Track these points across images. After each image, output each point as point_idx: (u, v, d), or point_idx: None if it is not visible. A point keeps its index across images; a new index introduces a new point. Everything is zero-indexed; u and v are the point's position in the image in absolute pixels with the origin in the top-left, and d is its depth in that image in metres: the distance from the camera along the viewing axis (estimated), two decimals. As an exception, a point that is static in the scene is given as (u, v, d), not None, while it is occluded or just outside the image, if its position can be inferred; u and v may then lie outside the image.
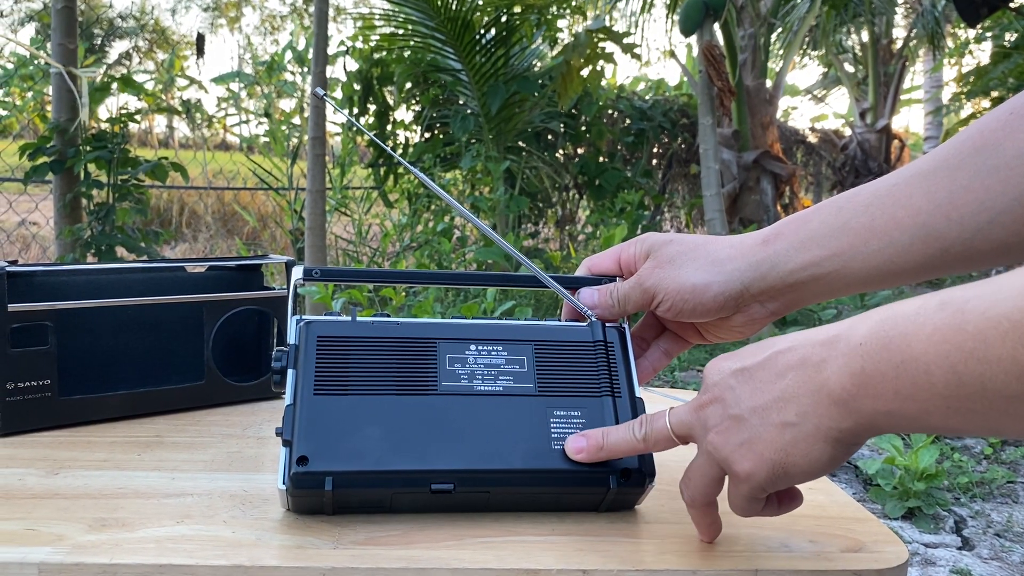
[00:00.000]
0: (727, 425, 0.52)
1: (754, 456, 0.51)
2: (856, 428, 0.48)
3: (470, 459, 0.59)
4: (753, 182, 6.11)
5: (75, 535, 0.57)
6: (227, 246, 7.05)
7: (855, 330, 0.47)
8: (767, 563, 0.57)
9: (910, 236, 0.58)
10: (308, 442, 0.58)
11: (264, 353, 0.95)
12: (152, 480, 0.68)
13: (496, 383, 0.63)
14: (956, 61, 7.41)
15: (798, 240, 0.62)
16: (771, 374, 0.51)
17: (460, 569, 0.55)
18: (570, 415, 0.62)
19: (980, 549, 2.15)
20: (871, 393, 0.45)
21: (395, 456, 0.58)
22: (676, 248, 0.65)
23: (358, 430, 0.59)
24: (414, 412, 0.60)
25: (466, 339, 0.64)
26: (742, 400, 0.52)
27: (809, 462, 0.49)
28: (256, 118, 8.47)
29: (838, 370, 0.47)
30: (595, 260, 0.71)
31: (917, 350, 0.43)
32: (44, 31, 11.29)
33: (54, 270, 0.82)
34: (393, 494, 0.59)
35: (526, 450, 0.60)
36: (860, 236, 0.60)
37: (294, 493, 0.58)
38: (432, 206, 5.25)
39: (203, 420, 0.85)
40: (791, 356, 0.50)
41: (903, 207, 0.58)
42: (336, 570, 0.55)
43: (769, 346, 0.52)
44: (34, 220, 5.92)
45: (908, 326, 0.43)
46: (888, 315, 0.45)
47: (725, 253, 0.64)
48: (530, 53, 5.51)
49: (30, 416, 0.78)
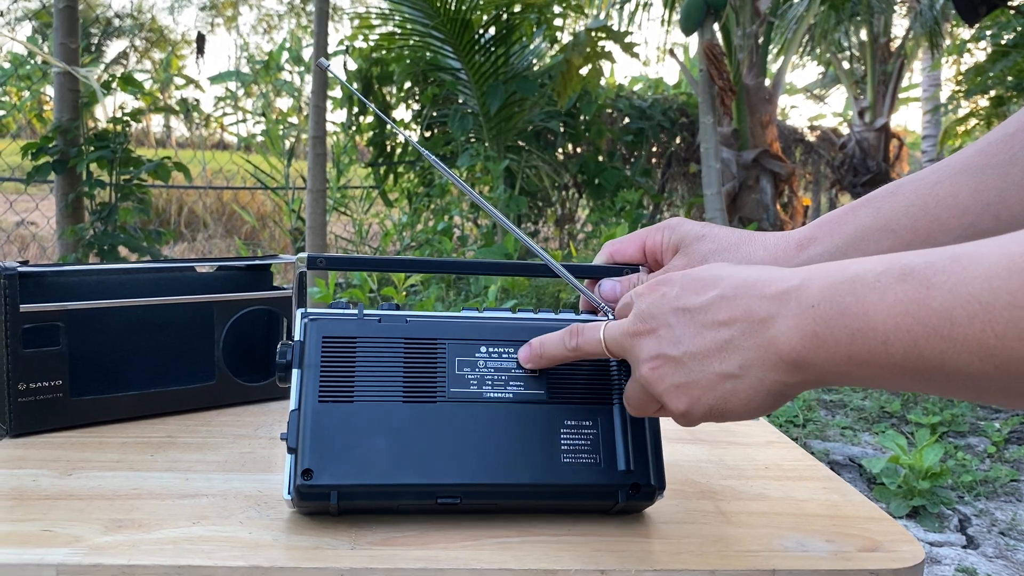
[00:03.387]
0: (661, 363, 0.51)
1: (689, 399, 0.50)
2: (803, 383, 0.47)
3: (477, 473, 0.58)
4: (752, 181, 6.11)
5: (92, 536, 0.57)
6: (226, 246, 7.04)
7: (807, 289, 0.45)
8: (784, 563, 0.57)
9: (954, 238, 0.55)
10: (313, 454, 0.57)
11: (274, 353, 0.94)
12: (166, 481, 0.68)
13: (506, 390, 0.61)
14: (955, 60, 7.41)
15: (834, 245, 0.60)
16: (713, 320, 0.49)
17: (479, 569, 0.55)
18: (581, 424, 0.61)
19: (985, 547, 2.15)
20: (823, 356, 0.44)
21: (401, 469, 0.57)
22: (708, 247, 0.63)
23: (363, 441, 0.58)
24: (421, 421, 0.59)
25: (477, 340, 0.62)
26: (681, 341, 0.50)
27: (747, 409, 0.49)
28: (253, 117, 8.47)
29: (788, 330, 0.45)
30: (618, 245, 0.68)
31: (876, 320, 0.41)
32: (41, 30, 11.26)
33: (65, 271, 0.82)
34: (399, 506, 0.59)
35: (534, 464, 0.59)
36: (902, 239, 0.57)
37: (299, 505, 0.58)
38: (432, 205, 5.25)
39: (214, 420, 0.85)
40: (736, 307, 0.48)
41: (947, 207, 0.56)
42: (354, 570, 0.54)
43: (711, 284, 0.50)
44: (32, 220, 5.91)
45: (867, 293, 0.42)
46: (844, 277, 0.43)
47: (760, 256, 0.62)
48: (529, 52, 5.51)
49: (42, 417, 0.78)
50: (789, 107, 16.76)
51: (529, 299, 3.80)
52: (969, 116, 6.47)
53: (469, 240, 4.98)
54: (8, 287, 0.76)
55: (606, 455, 0.60)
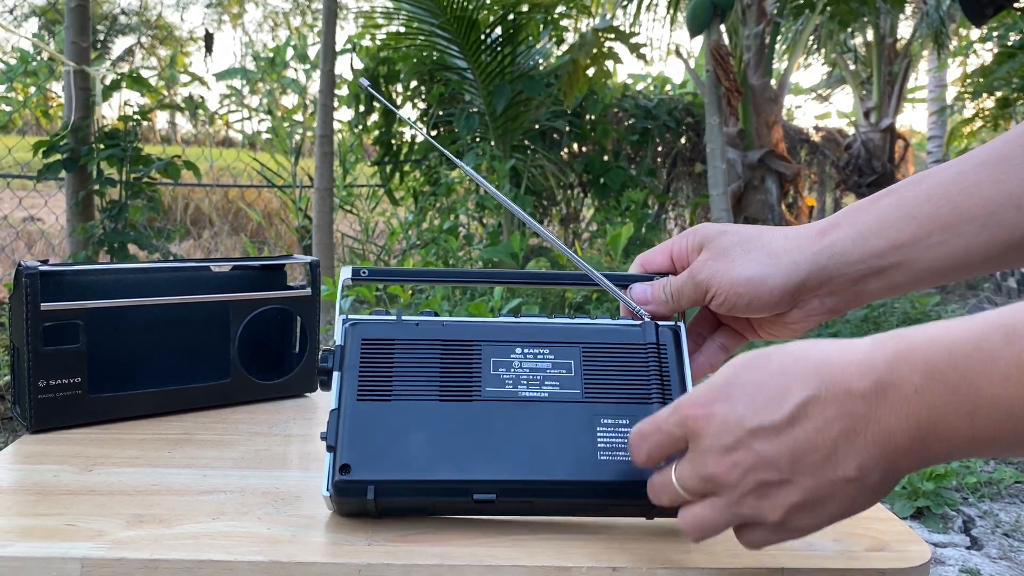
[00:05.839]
0: (771, 491, 0.47)
1: (815, 517, 0.47)
2: (924, 464, 0.45)
3: (513, 470, 0.58)
4: (758, 181, 6.11)
5: (114, 531, 0.59)
6: (232, 243, 7.06)
7: (900, 372, 0.42)
8: (792, 562, 0.58)
9: (976, 227, 0.55)
10: (351, 450, 0.58)
11: (287, 352, 0.96)
12: (184, 477, 0.69)
13: (541, 389, 0.61)
14: (961, 61, 7.40)
15: (856, 231, 0.59)
16: (808, 431, 0.45)
17: (493, 566, 0.56)
18: (617, 423, 0.60)
19: (989, 549, 2.15)
20: (942, 438, 0.42)
21: (438, 465, 0.58)
22: (730, 239, 0.62)
23: (401, 438, 0.59)
24: (457, 419, 0.59)
25: (512, 341, 0.63)
26: (780, 463, 0.46)
27: (873, 503, 0.47)
28: (258, 115, 8.49)
29: (899, 423, 0.43)
30: (647, 256, 0.68)
31: (990, 392, 0.39)
32: (48, 26, 11.28)
33: (84, 270, 0.83)
34: (435, 503, 0.60)
35: (571, 460, 0.58)
36: (924, 226, 0.57)
37: (338, 500, 0.59)
38: (438, 204, 5.26)
39: (229, 418, 0.86)
40: (828, 410, 0.44)
41: (969, 196, 0.56)
42: (371, 566, 0.55)
43: (782, 395, 0.46)
44: (39, 217, 5.93)
45: (972, 365, 0.39)
46: (941, 350, 0.40)
47: (781, 245, 0.61)
48: (536, 52, 5.51)
49: (61, 413, 0.80)
50: (794, 107, 16.75)
51: (534, 298, 3.82)
52: (975, 117, 6.46)
53: (475, 239, 4.99)
54: (29, 286, 0.77)
55: None
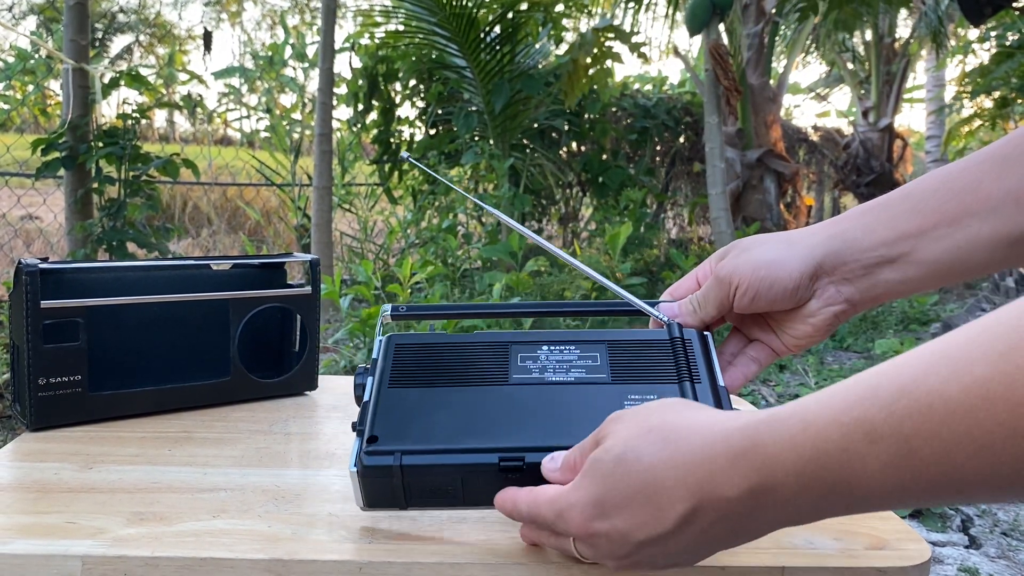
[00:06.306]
0: (659, 561, 0.49)
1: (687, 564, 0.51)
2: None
3: (542, 438, 0.57)
4: (756, 180, 6.11)
5: (115, 528, 0.59)
6: (231, 241, 7.05)
7: (776, 480, 0.42)
8: (793, 560, 0.58)
9: (978, 221, 0.57)
10: (380, 426, 0.58)
11: (287, 350, 0.96)
12: (184, 475, 0.69)
13: (568, 374, 0.63)
14: (961, 60, 7.41)
15: (866, 222, 0.62)
16: (690, 537, 0.46)
17: (493, 564, 0.56)
18: (645, 398, 0.60)
19: (987, 548, 2.16)
20: (823, 516, 0.44)
21: (465, 437, 0.58)
22: (747, 241, 0.65)
23: (428, 415, 0.59)
24: (484, 401, 0.61)
25: (538, 341, 0.65)
26: (670, 557, 0.48)
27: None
28: (257, 113, 8.48)
29: (781, 518, 0.44)
30: (675, 286, 0.71)
31: (865, 489, 0.39)
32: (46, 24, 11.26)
33: (84, 267, 0.83)
34: (463, 476, 0.57)
35: None
36: (928, 219, 0.59)
37: (364, 474, 0.56)
38: (436, 203, 5.26)
39: (229, 416, 0.86)
40: (707, 517, 0.45)
41: (972, 192, 0.57)
42: (372, 564, 0.56)
43: (660, 509, 0.46)
44: (38, 215, 5.92)
45: (843, 467, 0.39)
46: (808, 456, 0.41)
47: (797, 235, 0.64)
48: (535, 52, 5.51)
49: (61, 411, 0.80)
50: (793, 107, 16.77)
51: (533, 297, 3.82)
52: (973, 117, 6.47)
53: (474, 238, 4.99)
54: (29, 283, 0.77)
55: None
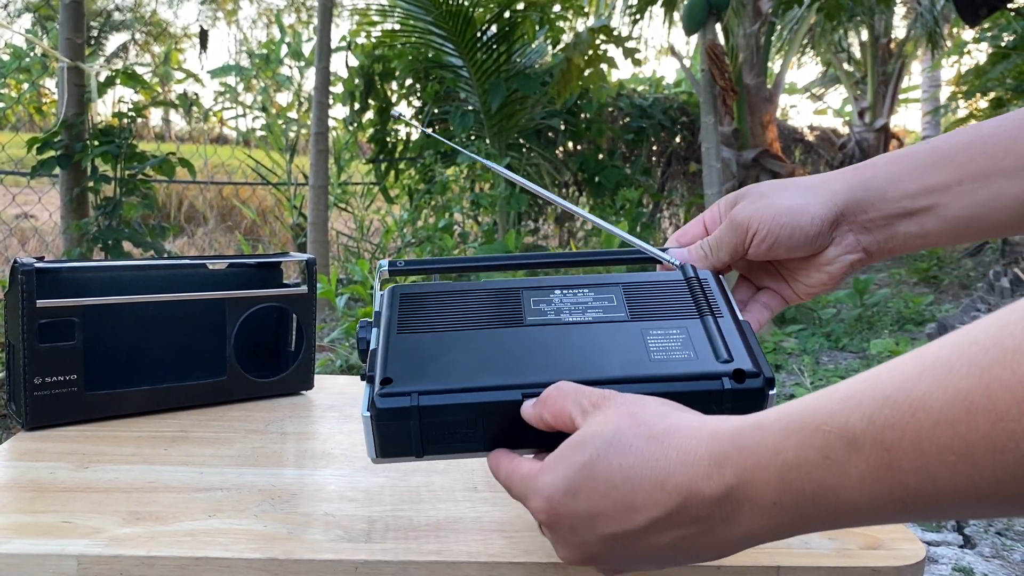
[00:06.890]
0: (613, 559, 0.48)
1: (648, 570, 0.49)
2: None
3: (564, 373, 0.53)
4: (752, 180, 6.11)
5: (111, 528, 0.59)
6: (227, 241, 7.04)
7: (756, 489, 0.41)
8: (788, 560, 0.58)
9: (1005, 180, 0.55)
10: (393, 368, 0.55)
11: (283, 350, 0.96)
12: (181, 475, 0.69)
13: (585, 315, 0.59)
14: (956, 61, 7.43)
15: (890, 171, 0.60)
16: (659, 540, 0.45)
17: (489, 563, 0.56)
18: (668, 333, 0.57)
19: (982, 547, 2.16)
20: (799, 530, 0.42)
21: (483, 375, 0.54)
22: (765, 186, 0.62)
23: (443, 356, 0.56)
24: (501, 341, 0.57)
25: (550, 286, 0.62)
26: (629, 558, 0.47)
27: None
28: (253, 112, 8.47)
29: (760, 526, 0.42)
30: (682, 231, 0.68)
31: (849, 498, 0.38)
32: (41, 23, 11.23)
33: (79, 266, 0.83)
34: (484, 415, 0.54)
35: (624, 362, 0.55)
36: (955, 174, 0.57)
37: (379, 418, 0.53)
38: (433, 202, 5.26)
39: (225, 416, 0.86)
40: (681, 519, 0.44)
41: (1005, 149, 0.56)
42: (368, 563, 0.56)
43: (634, 504, 0.44)
44: (33, 214, 5.91)
45: (825, 476, 0.38)
46: (789, 465, 0.39)
47: (817, 180, 0.61)
48: (532, 51, 5.51)
49: (57, 410, 0.79)
50: (789, 107, 16.78)
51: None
52: (969, 117, 6.48)
53: (470, 237, 4.99)
54: (25, 282, 0.77)
55: (699, 351, 0.55)
